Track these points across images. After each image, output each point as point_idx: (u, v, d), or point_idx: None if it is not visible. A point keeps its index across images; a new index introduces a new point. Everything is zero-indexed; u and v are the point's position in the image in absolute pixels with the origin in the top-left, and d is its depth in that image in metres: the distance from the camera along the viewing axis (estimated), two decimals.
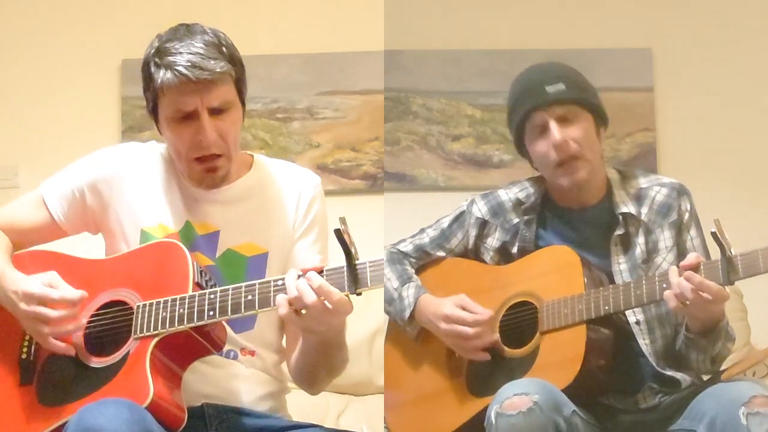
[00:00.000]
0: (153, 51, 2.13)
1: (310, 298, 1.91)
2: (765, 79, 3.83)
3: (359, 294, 1.94)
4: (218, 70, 2.08)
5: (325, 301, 1.92)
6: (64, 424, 1.91)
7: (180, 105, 2.10)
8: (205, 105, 2.10)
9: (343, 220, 1.92)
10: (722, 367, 2.30)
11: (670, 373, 2.31)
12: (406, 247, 2.58)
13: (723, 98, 3.82)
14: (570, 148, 2.32)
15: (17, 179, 3.75)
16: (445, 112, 3.87)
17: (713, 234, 2.11)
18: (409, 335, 2.50)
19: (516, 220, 2.46)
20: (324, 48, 3.83)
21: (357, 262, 1.93)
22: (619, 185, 2.41)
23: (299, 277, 1.94)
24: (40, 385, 2.08)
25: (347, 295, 1.94)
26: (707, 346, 2.25)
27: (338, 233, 1.91)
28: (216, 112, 2.12)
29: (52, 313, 2.02)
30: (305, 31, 3.85)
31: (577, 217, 2.41)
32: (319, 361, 2.17)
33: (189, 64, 2.06)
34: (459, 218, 2.55)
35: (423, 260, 2.57)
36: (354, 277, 1.93)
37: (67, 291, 2.04)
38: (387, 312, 2.55)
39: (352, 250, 1.93)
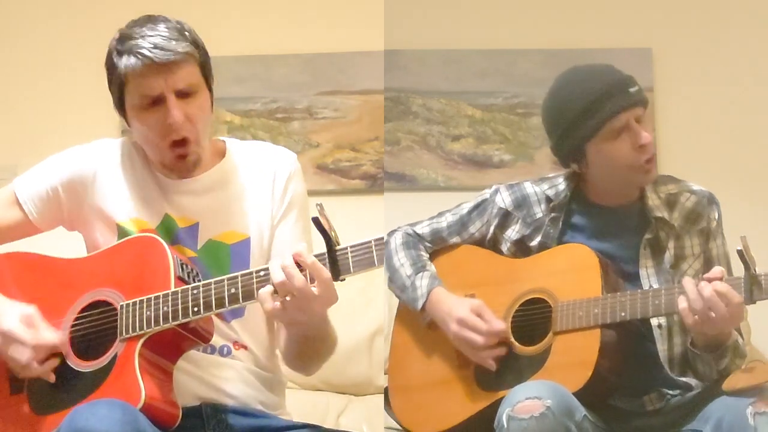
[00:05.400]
0: (115, 42, 2.13)
1: (299, 280, 1.88)
2: (765, 78, 3.82)
3: (343, 280, 1.92)
4: (180, 50, 2.07)
5: (313, 287, 1.89)
6: None
7: (145, 90, 2.09)
8: (170, 87, 2.08)
9: (320, 206, 1.89)
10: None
11: (684, 379, 2.30)
12: (423, 229, 2.55)
13: (723, 98, 3.82)
14: (653, 147, 2.31)
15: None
16: (445, 112, 3.87)
17: (739, 251, 2.09)
18: (420, 322, 2.48)
19: (539, 215, 2.44)
20: (324, 48, 3.82)
21: (338, 247, 1.91)
22: (651, 188, 2.38)
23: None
24: (32, 394, 2.06)
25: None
26: (712, 362, 2.23)
27: (316, 220, 1.89)
28: (182, 95, 2.10)
29: (22, 357, 2.01)
30: (305, 31, 3.85)
31: (609, 214, 2.39)
32: (306, 352, 2.17)
33: (152, 45, 2.06)
34: (480, 206, 2.52)
35: (438, 245, 2.55)
36: (335, 264, 1.91)
37: (41, 336, 2.02)
38: (398, 297, 2.53)
39: (332, 235, 1.90)
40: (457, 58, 3.86)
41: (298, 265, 1.91)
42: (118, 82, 2.12)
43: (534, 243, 2.43)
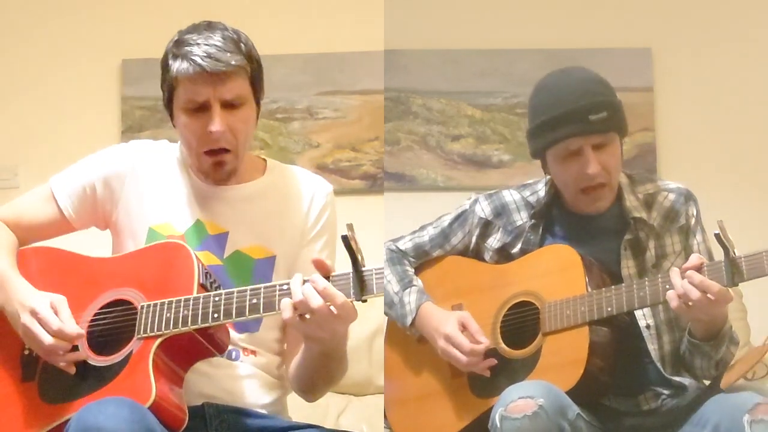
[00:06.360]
0: (172, 44, 2.15)
1: (316, 302, 1.91)
2: (765, 78, 3.83)
3: (365, 301, 1.94)
4: (233, 62, 2.09)
5: (331, 306, 1.92)
6: (66, 422, 1.91)
7: (193, 95, 2.11)
8: (217, 97, 2.11)
9: (350, 227, 1.92)
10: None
11: (677, 378, 2.31)
12: (405, 245, 2.57)
13: (723, 98, 3.83)
14: (602, 177, 2.30)
15: (17, 179, 3.75)
16: (445, 112, 3.87)
17: (716, 235, 2.09)
18: (411, 336, 2.50)
19: (519, 222, 2.45)
20: (324, 48, 3.83)
21: (363, 269, 1.93)
22: (629, 189, 2.39)
23: (305, 282, 1.94)
24: (42, 382, 2.08)
25: (352, 302, 1.94)
26: (711, 352, 2.24)
27: (345, 239, 1.91)
28: (228, 106, 2.12)
29: (46, 339, 2.01)
30: (305, 31, 3.85)
31: (588, 222, 2.39)
32: (319, 371, 2.17)
33: (205, 54, 2.08)
34: (460, 217, 2.54)
35: (422, 259, 2.56)
36: (360, 284, 1.93)
37: (67, 324, 2.02)
38: (387, 314, 2.54)
39: (359, 257, 1.93)
40: (457, 58, 3.87)
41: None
42: (169, 83, 2.15)
43: (515, 250, 2.44)
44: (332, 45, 3.83)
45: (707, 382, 2.32)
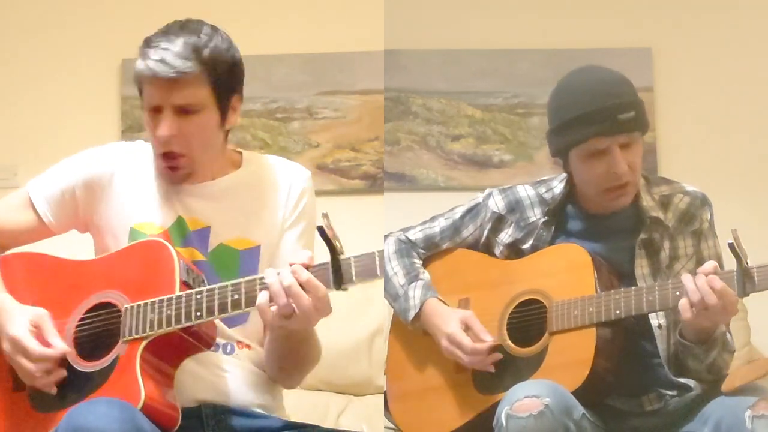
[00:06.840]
0: (142, 42, 2.15)
1: (303, 299, 1.91)
2: (765, 78, 3.83)
3: (345, 290, 1.94)
4: (185, 69, 2.07)
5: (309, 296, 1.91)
6: None
7: (149, 97, 2.12)
8: (169, 102, 2.10)
9: (325, 216, 1.91)
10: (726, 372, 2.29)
11: (682, 379, 2.30)
12: (416, 235, 2.56)
13: (723, 98, 3.83)
14: (628, 176, 2.29)
15: (17, 179, 3.75)
16: (445, 112, 3.87)
17: (730, 245, 2.08)
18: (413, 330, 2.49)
19: (533, 219, 2.44)
20: (324, 48, 3.83)
21: (341, 257, 1.93)
22: (646, 190, 2.38)
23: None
24: (33, 392, 2.06)
25: (332, 291, 1.94)
26: (701, 355, 2.23)
27: (321, 230, 1.91)
28: (182, 111, 2.11)
29: (29, 366, 2.00)
30: (305, 31, 3.85)
31: (602, 221, 2.39)
32: (286, 355, 2.16)
33: (159, 59, 2.07)
34: (473, 210, 2.52)
35: (431, 251, 2.55)
36: (338, 273, 1.92)
37: (48, 349, 2.01)
38: (391, 305, 2.53)
39: (336, 245, 1.92)
40: (457, 58, 3.87)
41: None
42: (137, 81, 2.17)
43: (527, 246, 2.43)
44: (332, 45, 3.82)
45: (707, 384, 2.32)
